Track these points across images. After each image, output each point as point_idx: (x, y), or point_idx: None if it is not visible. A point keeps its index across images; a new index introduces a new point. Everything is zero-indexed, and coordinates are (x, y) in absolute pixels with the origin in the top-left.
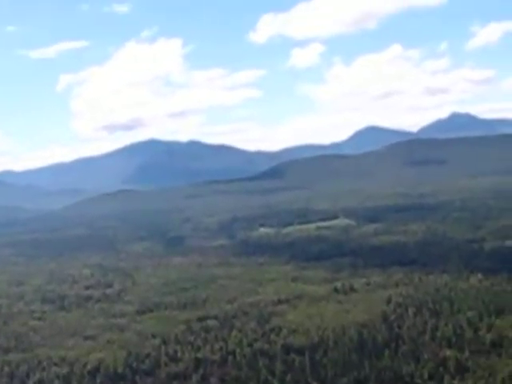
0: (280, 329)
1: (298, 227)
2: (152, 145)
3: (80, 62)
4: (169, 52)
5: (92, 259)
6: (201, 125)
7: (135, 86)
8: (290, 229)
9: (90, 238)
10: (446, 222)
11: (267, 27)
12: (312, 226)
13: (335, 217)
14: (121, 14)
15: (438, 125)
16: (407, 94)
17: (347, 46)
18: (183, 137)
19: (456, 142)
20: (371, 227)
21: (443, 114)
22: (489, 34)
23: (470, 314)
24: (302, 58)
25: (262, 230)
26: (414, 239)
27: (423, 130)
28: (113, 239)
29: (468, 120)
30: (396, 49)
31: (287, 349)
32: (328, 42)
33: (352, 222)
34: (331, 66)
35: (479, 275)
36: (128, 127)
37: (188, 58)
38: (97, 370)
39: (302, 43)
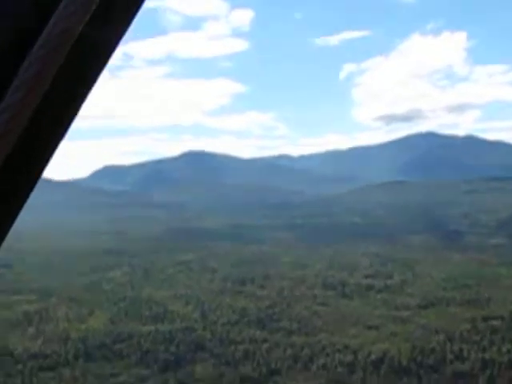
0: None
1: None
2: (428, 138)
3: (363, 51)
4: (452, 45)
5: (369, 248)
6: (478, 120)
7: (416, 78)
8: None
9: (365, 227)
10: None
11: None
12: None
13: None
14: (407, 5)
15: None
16: None
17: None
18: (460, 131)
19: None
20: None
21: None
22: None
23: None
24: None
25: None
26: None
27: None
28: (388, 230)
29: None
30: None
31: None
32: None
33: None
34: None
35: None
36: (405, 119)
37: (471, 52)
38: (381, 360)
39: None
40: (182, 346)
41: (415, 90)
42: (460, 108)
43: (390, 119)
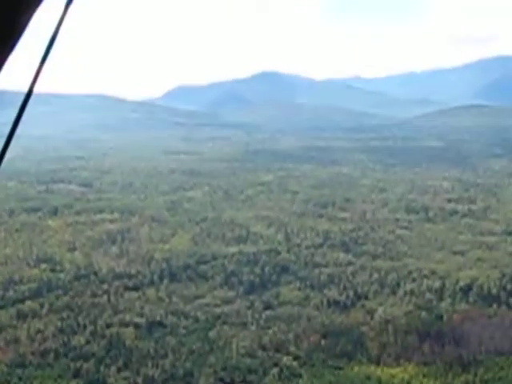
0: None
1: None
2: (504, 61)
3: None
4: None
5: (449, 173)
6: None
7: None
8: None
9: (443, 151)
10: None
11: None
12: None
13: None
14: None
15: None
16: None
17: None
18: None
19: None
20: None
21: None
22: None
23: None
24: None
25: None
26: None
27: None
28: (467, 154)
29: None
30: None
31: None
32: None
33: None
34: None
35: None
36: (482, 40)
37: None
38: (469, 287)
39: None
40: (267, 268)
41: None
42: None
43: (467, 41)
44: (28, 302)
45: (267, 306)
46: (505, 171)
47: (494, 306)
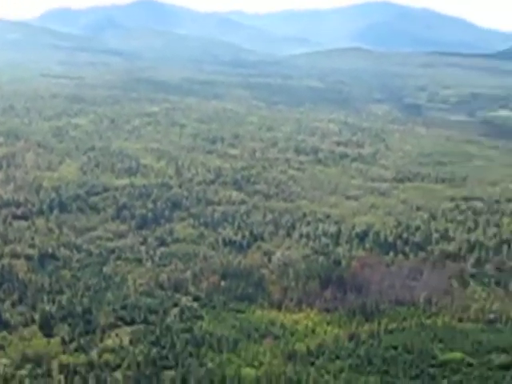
0: None
1: None
2: (385, 7)
3: None
4: None
5: (334, 115)
6: None
7: None
8: None
9: (324, 92)
10: None
11: None
12: None
13: None
14: None
15: None
16: None
17: None
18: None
19: None
20: None
21: None
22: None
23: None
24: None
25: (503, 112)
26: None
27: None
28: (348, 97)
29: None
30: None
31: None
32: None
33: None
34: None
35: None
36: None
37: None
38: (365, 233)
39: None
40: (159, 202)
41: None
42: None
43: None
44: None
45: (161, 243)
46: (388, 117)
47: (391, 253)
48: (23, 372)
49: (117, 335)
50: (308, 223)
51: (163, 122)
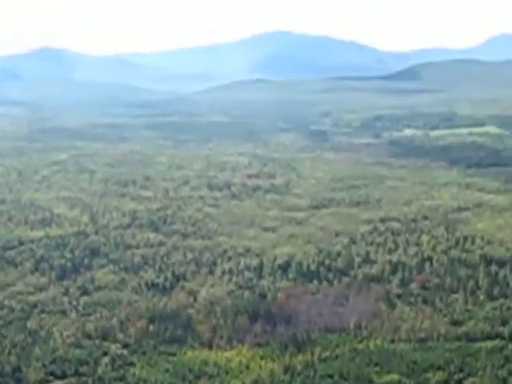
0: (473, 238)
1: (447, 131)
2: (281, 36)
3: None
4: None
5: (242, 148)
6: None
7: None
8: (437, 132)
9: (230, 126)
10: None
11: None
12: (463, 131)
13: (483, 124)
14: None
15: None
16: None
17: None
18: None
19: None
20: None
21: None
22: None
23: None
24: None
25: (408, 131)
26: None
27: None
28: (254, 129)
29: None
30: None
31: (487, 260)
32: None
33: (504, 132)
34: None
35: None
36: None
37: None
38: (287, 264)
39: None
40: (77, 251)
41: None
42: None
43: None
44: None
45: (84, 292)
46: (296, 145)
47: (315, 282)
48: None
49: None
50: (229, 259)
51: (72, 170)
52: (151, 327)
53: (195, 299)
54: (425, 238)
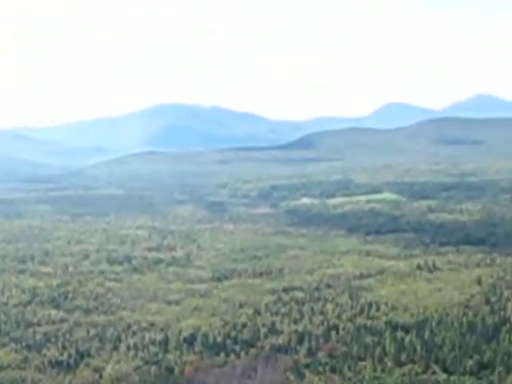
0: (377, 304)
1: (344, 199)
2: (176, 107)
3: None
4: None
5: (141, 220)
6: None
7: None
8: (335, 200)
9: (127, 199)
10: (499, 203)
11: None
12: (360, 198)
13: (379, 191)
14: None
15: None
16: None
17: None
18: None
19: (486, 123)
20: (423, 204)
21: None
22: None
23: None
24: None
25: (305, 200)
26: (472, 218)
27: (448, 109)
28: (151, 201)
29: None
30: None
31: (392, 326)
32: None
33: (401, 198)
34: None
35: None
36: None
37: None
38: (193, 337)
39: None
40: None
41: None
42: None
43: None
44: None
45: None
46: (194, 217)
47: (222, 354)
48: None
49: None
50: (133, 334)
51: None
52: None
53: (101, 376)
54: (329, 306)
